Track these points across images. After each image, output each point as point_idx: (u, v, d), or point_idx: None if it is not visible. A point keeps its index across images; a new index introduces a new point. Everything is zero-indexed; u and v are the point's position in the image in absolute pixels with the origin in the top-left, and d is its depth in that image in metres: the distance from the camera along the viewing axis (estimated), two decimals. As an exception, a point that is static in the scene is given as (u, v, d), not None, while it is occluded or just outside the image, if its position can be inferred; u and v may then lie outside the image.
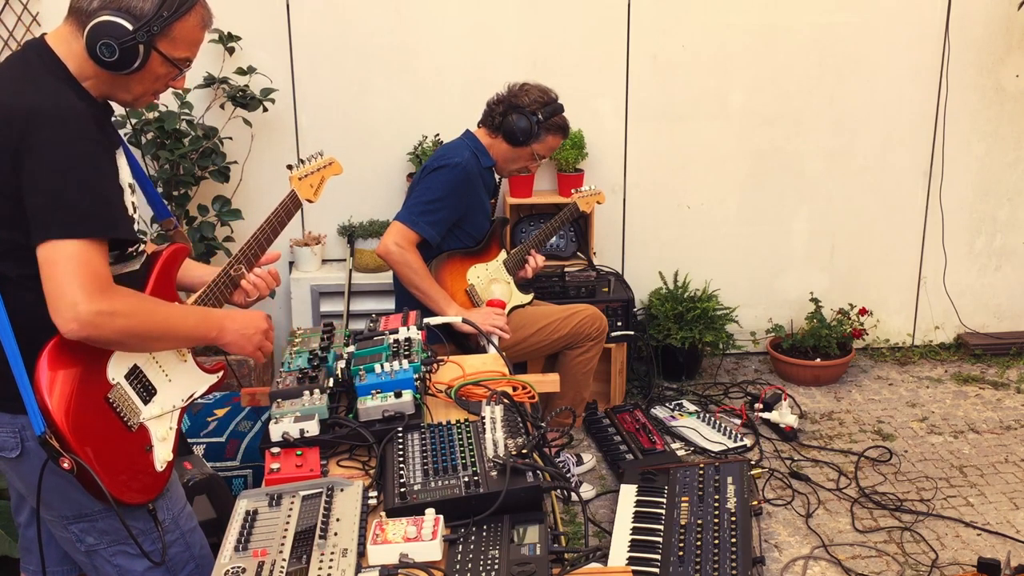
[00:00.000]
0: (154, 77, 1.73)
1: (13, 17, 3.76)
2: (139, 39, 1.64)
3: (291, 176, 2.29)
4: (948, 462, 3.60)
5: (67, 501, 1.75)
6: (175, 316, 1.78)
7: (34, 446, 1.69)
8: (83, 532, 1.79)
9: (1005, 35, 4.28)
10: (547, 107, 3.17)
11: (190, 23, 1.71)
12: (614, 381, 3.99)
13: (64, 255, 1.56)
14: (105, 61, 1.64)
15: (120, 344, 1.69)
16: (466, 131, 3.28)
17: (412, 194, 3.15)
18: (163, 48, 1.69)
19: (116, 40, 1.62)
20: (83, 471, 1.61)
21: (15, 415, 1.68)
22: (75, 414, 1.62)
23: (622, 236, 4.42)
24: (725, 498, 2.94)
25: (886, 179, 4.45)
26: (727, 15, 4.15)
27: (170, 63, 1.72)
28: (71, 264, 1.56)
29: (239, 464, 2.99)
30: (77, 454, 1.60)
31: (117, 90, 1.74)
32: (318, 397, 2.02)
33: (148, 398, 1.79)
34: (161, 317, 1.74)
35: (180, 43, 1.71)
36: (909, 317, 4.68)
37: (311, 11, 3.96)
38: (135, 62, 1.66)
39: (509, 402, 2.01)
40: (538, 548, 1.56)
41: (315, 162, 2.33)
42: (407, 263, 3.00)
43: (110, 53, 1.63)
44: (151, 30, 1.64)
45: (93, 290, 1.57)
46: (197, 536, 1.94)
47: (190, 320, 1.81)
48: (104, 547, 1.80)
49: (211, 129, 3.81)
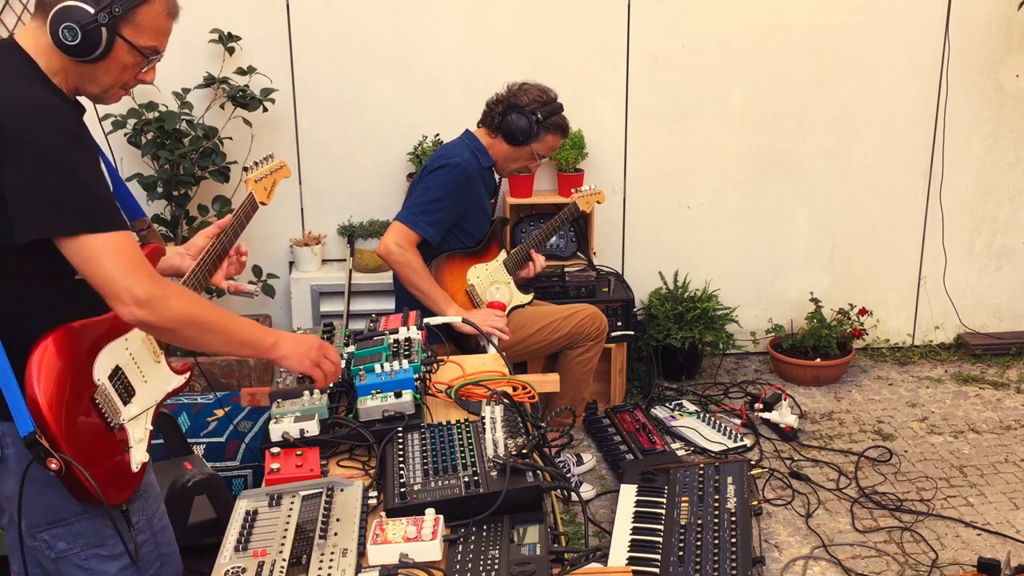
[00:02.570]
0: (121, 67, 1.72)
1: (13, 17, 3.76)
2: (100, 21, 1.64)
3: (247, 179, 2.27)
4: (948, 462, 3.60)
5: (41, 508, 1.73)
6: (230, 317, 1.79)
7: (13, 453, 1.68)
8: (54, 538, 1.77)
9: (1005, 35, 4.28)
10: (547, 107, 3.17)
11: (155, 10, 1.70)
12: (614, 381, 3.99)
13: (102, 248, 1.58)
14: (68, 46, 1.64)
15: (177, 333, 1.68)
16: (466, 131, 3.28)
17: (412, 194, 3.15)
18: (128, 35, 1.68)
19: (78, 24, 1.62)
20: (69, 472, 1.61)
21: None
22: (65, 414, 1.62)
23: (622, 236, 4.42)
24: (725, 498, 2.94)
25: (886, 179, 4.45)
26: (727, 15, 4.15)
27: (136, 51, 1.71)
28: (113, 254, 1.59)
29: (239, 464, 2.99)
30: (65, 454, 1.60)
31: (85, 82, 1.73)
32: (318, 397, 2.02)
33: (128, 398, 1.78)
34: (216, 313, 1.74)
35: (145, 30, 1.70)
36: (909, 317, 4.68)
37: (311, 11, 3.96)
38: (98, 47, 1.65)
39: (509, 402, 2.01)
40: (538, 548, 1.56)
41: (268, 165, 2.34)
42: (407, 263, 3.00)
43: (72, 36, 1.63)
44: (112, 11, 1.64)
45: (143, 274, 1.61)
46: (167, 535, 1.93)
47: (244, 324, 1.82)
48: (77, 551, 1.78)
49: (211, 129, 3.80)
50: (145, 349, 1.88)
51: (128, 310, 1.60)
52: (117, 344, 1.77)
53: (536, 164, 3.34)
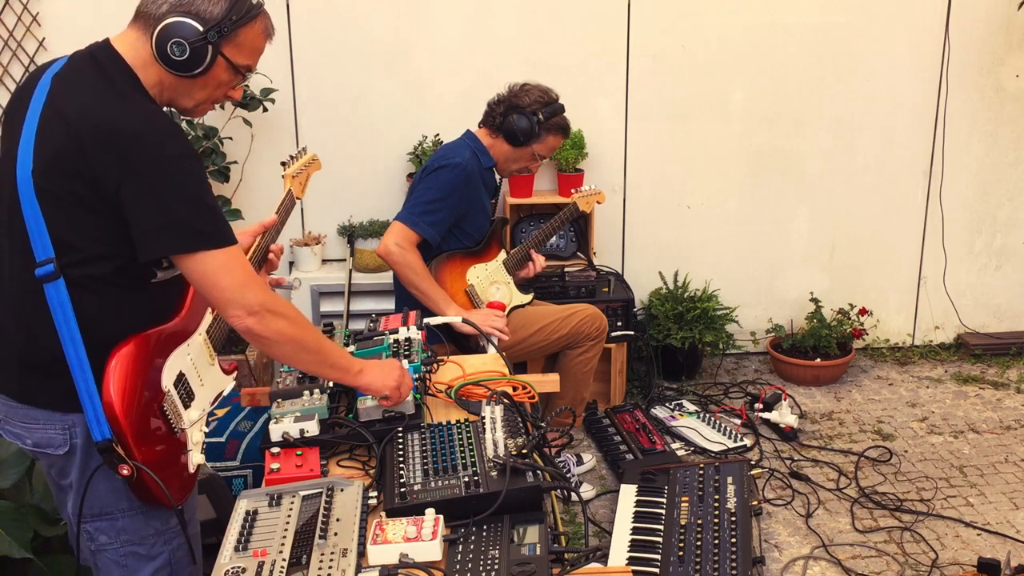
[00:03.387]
0: (216, 83, 1.78)
1: (13, 17, 3.76)
2: (209, 39, 1.69)
3: (285, 175, 2.30)
4: (948, 462, 3.60)
5: (90, 499, 1.78)
6: (325, 339, 1.90)
7: (81, 444, 1.75)
8: (97, 531, 1.82)
9: (1005, 35, 4.28)
10: (548, 107, 3.17)
11: (255, 30, 1.77)
12: (614, 381, 3.99)
13: (219, 264, 1.68)
14: (174, 61, 1.68)
15: (277, 346, 1.77)
16: (467, 131, 3.28)
17: (412, 194, 3.15)
18: (228, 53, 1.74)
19: (187, 40, 1.67)
20: (139, 478, 1.68)
21: (66, 413, 1.72)
22: (137, 423, 1.69)
23: (622, 236, 4.42)
24: (725, 498, 2.94)
25: (886, 179, 4.45)
26: (727, 15, 4.15)
27: (233, 69, 1.77)
28: (229, 269, 1.69)
29: (239, 464, 2.99)
30: (139, 461, 1.67)
31: (180, 96, 1.78)
32: (318, 397, 2.02)
33: (189, 403, 1.84)
34: (314, 335, 1.85)
35: (244, 49, 1.77)
36: (909, 317, 4.68)
37: (311, 11, 3.96)
38: (202, 64, 1.71)
39: (509, 402, 2.01)
40: (538, 548, 1.56)
41: (302, 159, 2.36)
42: (407, 263, 3.00)
43: (180, 52, 1.68)
44: (220, 31, 1.69)
45: (255, 287, 1.72)
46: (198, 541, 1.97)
47: (336, 350, 1.92)
48: (117, 547, 1.83)
49: (211, 129, 3.81)
50: (203, 353, 1.92)
51: (240, 320, 1.71)
52: (181, 351, 1.84)
53: (537, 164, 3.35)
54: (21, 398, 1.76)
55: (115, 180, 1.61)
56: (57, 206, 1.65)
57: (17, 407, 1.77)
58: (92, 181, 1.62)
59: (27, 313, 1.71)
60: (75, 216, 1.65)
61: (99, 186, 1.62)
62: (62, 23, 3.79)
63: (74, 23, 3.77)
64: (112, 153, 1.60)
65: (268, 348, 1.79)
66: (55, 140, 1.63)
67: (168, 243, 1.65)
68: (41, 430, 1.76)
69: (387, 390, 1.95)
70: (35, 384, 1.74)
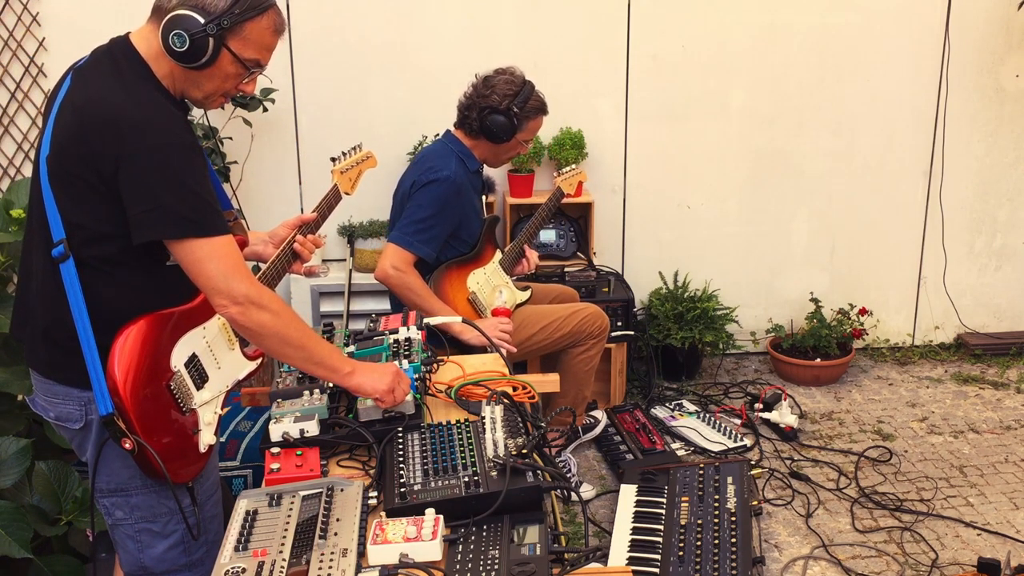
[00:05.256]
0: (224, 76, 1.82)
1: (13, 17, 3.76)
2: (209, 32, 1.74)
3: (334, 170, 2.34)
4: (948, 462, 3.60)
5: (107, 475, 1.86)
6: (313, 336, 1.92)
7: (97, 420, 1.81)
8: (113, 506, 1.89)
9: (1005, 35, 4.28)
10: (519, 96, 3.10)
11: (262, 25, 1.81)
12: (614, 381, 3.99)
13: (206, 252, 1.74)
14: (176, 51, 1.74)
15: (261, 338, 1.82)
16: (447, 132, 3.25)
17: (404, 212, 3.08)
18: (234, 46, 1.79)
19: (188, 32, 1.73)
20: (141, 452, 1.74)
21: (83, 390, 1.80)
22: (141, 399, 1.74)
23: (622, 236, 4.42)
24: (725, 498, 2.94)
25: (886, 179, 4.44)
26: (727, 15, 4.15)
27: (240, 63, 1.81)
28: (216, 258, 1.74)
29: (239, 464, 2.99)
30: (140, 436, 1.72)
31: (190, 87, 1.84)
32: (318, 397, 2.02)
33: (201, 384, 1.89)
34: (300, 331, 1.88)
35: (251, 44, 1.81)
36: (909, 317, 4.68)
37: (311, 11, 3.96)
38: (204, 55, 1.76)
39: (509, 402, 2.01)
40: (538, 548, 1.56)
41: (354, 156, 2.39)
42: (407, 286, 2.97)
43: (180, 43, 1.73)
44: (221, 24, 1.74)
45: (241, 278, 1.76)
46: (215, 524, 2.02)
47: (325, 348, 1.94)
48: (132, 522, 1.90)
49: (211, 129, 3.80)
50: (221, 337, 1.98)
51: (225, 309, 1.77)
52: (195, 333, 1.90)
53: (526, 148, 3.31)
54: (46, 373, 1.86)
55: (113, 164, 1.69)
56: (66, 189, 1.73)
57: (43, 381, 1.87)
58: (93, 165, 1.70)
59: (49, 292, 1.79)
60: (82, 198, 1.73)
61: (100, 169, 1.70)
62: (62, 23, 3.79)
63: (74, 23, 3.77)
64: (110, 138, 1.68)
65: (252, 339, 1.85)
66: (66, 127, 1.72)
67: (157, 228, 1.72)
68: (61, 404, 1.86)
69: (378, 394, 1.95)
70: (57, 360, 1.83)
